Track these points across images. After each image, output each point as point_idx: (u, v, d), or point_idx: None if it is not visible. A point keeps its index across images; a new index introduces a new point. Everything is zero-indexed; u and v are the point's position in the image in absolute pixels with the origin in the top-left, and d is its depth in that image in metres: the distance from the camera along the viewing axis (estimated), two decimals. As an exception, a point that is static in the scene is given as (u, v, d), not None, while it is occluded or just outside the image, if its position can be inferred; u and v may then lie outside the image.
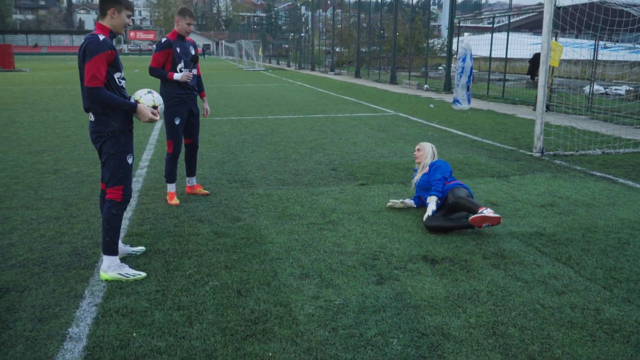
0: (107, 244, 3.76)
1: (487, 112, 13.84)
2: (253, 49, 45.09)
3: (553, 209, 5.37)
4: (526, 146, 8.78)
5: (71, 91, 19.15)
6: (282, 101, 16.17)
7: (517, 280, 3.72)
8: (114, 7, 3.70)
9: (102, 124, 3.69)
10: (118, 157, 3.75)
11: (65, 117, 12.15)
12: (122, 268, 3.77)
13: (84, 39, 3.62)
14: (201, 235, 4.60)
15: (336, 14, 39.82)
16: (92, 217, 5.10)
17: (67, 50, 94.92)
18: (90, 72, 3.53)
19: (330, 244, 4.43)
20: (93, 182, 6.36)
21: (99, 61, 3.54)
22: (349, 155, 7.98)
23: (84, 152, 8.09)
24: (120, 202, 3.80)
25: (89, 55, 3.53)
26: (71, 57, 75.07)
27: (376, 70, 29.74)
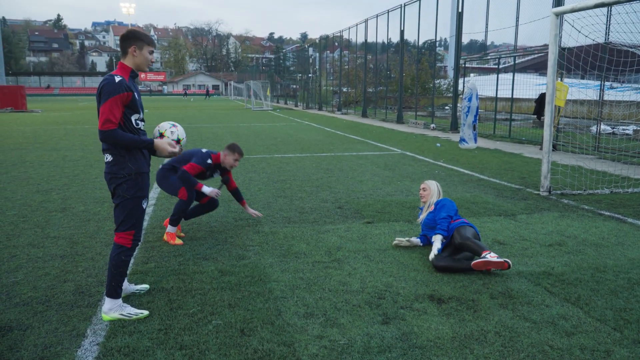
0: (112, 287, 3.72)
1: (494, 151, 13.90)
2: (261, 89, 45.84)
3: (561, 248, 5.33)
4: (533, 185, 8.77)
5: (81, 131, 19.46)
6: (289, 140, 16.34)
7: (525, 320, 3.67)
8: (134, 44, 3.65)
9: (119, 164, 3.62)
10: (133, 202, 3.68)
11: (74, 156, 12.32)
12: (124, 308, 3.75)
13: (102, 80, 3.59)
14: (205, 274, 4.60)
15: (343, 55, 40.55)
16: (97, 255, 5.11)
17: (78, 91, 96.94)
18: (105, 116, 3.48)
19: (335, 282, 4.41)
20: (99, 221, 6.40)
21: (114, 104, 3.49)
22: (355, 194, 8.01)
23: (92, 191, 8.17)
24: (130, 248, 3.75)
25: (104, 97, 3.50)
26: (83, 98, 76.61)
27: (383, 109, 30.07)
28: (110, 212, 6.84)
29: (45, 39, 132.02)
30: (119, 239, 3.73)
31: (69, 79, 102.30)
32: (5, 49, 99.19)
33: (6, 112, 32.52)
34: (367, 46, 31.52)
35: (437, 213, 5.08)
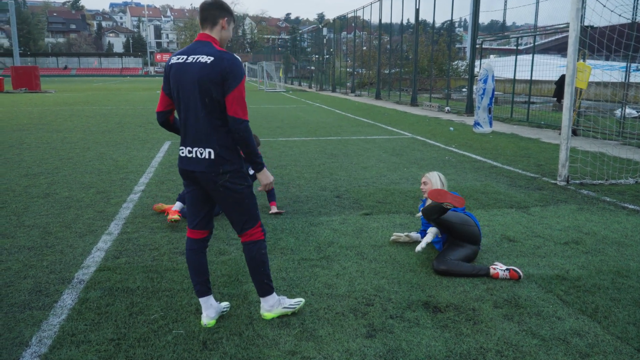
0: (264, 285, 3.32)
1: (510, 135, 13.24)
2: (274, 70, 45.19)
3: (578, 247, 4.78)
4: (550, 174, 8.17)
5: (88, 112, 19.15)
6: (296, 123, 15.82)
7: (532, 336, 3.17)
8: (226, 16, 3.13)
9: (228, 160, 3.06)
10: (248, 191, 3.18)
11: (73, 138, 11.97)
12: (283, 301, 3.39)
13: (219, 58, 2.96)
14: (178, 272, 4.16)
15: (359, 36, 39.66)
16: (68, 247, 4.70)
17: (95, 72, 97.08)
18: (243, 101, 2.97)
19: (320, 284, 3.94)
20: (80, 208, 5.99)
21: (244, 89, 3.01)
22: (356, 181, 7.50)
23: (81, 175, 7.78)
24: (264, 239, 3.31)
25: (236, 79, 2.94)
26: (98, 79, 76.69)
27: (397, 91, 29.31)
28: (94, 198, 6.44)
29: (63, 20, 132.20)
30: (252, 237, 3.26)
31: (86, 60, 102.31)
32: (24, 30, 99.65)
33: (20, 92, 32.39)
34: (383, 27, 30.65)
35: None
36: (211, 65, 2.95)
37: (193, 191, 3.23)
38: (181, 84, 3.05)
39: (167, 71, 3.14)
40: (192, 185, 3.22)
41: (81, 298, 3.66)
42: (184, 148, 3.15)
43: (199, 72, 2.96)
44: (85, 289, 3.83)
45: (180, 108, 3.12)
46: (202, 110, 3.01)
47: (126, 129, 13.79)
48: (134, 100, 26.75)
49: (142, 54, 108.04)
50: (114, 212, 5.89)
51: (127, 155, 9.59)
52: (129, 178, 7.66)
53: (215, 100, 2.98)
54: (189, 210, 3.30)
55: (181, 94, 3.06)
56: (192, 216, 3.29)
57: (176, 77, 3.06)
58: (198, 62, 2.99)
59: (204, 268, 3.32)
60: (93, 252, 4.59)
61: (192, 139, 3.09)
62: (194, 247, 3.32)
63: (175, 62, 3.09)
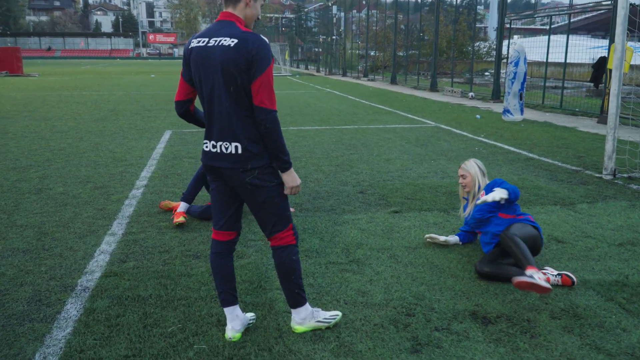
0: (296, 295, 3.21)
1: (543, 124, 13.08)
2: (279, 52, 45.03)
3: (635, 249, 4.66)
4: (593, 166, 8.04)
5: (77, 98, 19.10)
6: (307, 110, 15.71)
7: (598, 351, 3.06)
8: None
9: (256, 155, 2.95)
10: (278, 190, 3.05)
11: (63, 127, 11.90)
12: (318, 314, 3.30)
13: (239, 38, 2.83)
14: (194, 277, 4.08)
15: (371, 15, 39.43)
16: (67, 250, 4.63)
17: (82, 53, 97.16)
18: (270, 89, 2.86)
19: (353, 291, 3.84)
20: (78, 205, 5.92)
21: (272, 73, 2.87)
22: (380, 175, 7.39)
23: (76, 169, 7.71)
24: (296, 244, 3.19)
25: (263, 63, 2.82)
26: (86, 61, 76.72)
27: (415, 76, 29.12)
28: (92, 194, 6.36)
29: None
30: (282, 241, 3.15)
31: (72, 40, 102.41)
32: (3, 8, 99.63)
33: (0, 76, 32.39)
34: (399, 4, 30.41)
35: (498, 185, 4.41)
36: (235, 48, 2.82)
37: (219, 187, 3.13)
38: (203, 71, 2.94)
39: (187, 56, 3.04)
40: (218, 180, 3.12)
41: (87, 308, 3.58)
42: (207, 142, 3.04)
43: (222, 57, 2.84)
44: (91, 297, 3.75)
45: (202, 97, 3.02)
46: (226, 100, 2.91)
47: (121, 117, 13.72)
48: (127, 85, 26.69)
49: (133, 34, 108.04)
50: (115, 209, 5.81)
51: (124, 146, 9.52)
52: (128, 171, 7.58)
53: (240, 88, 2.87)
54: (215, 208, 3.21)
55: (203, 81, 2.96)
56: (218, 215, 3.19)
57: (197, 63, 2.96)
58: (220, 45, 2.86)
59: (231, 274, 3.23)
60: (96, 256, 4.51)
61: (216, 132, 2.98)
62: (220, 250, 3.22)
63: (196, 46, 2.97)
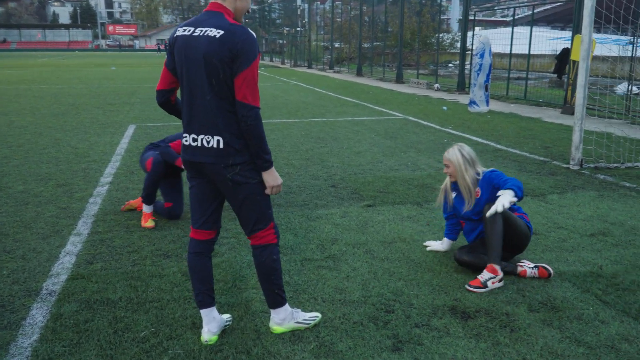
0: (275, 296, 3.12)
1: (509, 115, 13.23)
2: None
3: (607, 239, 4.72)
4: (560, 156, 8.15)
5: (36, 92, 18.51)
6: (275, 103, 15.56)
7: (578, 344, 3.06)
8: None
9: (239, 151, 2.85)
10: (261, 187, 2.95)
11: (22, 122, 11.49)
12: (297, 315, 3.22)
13: (225, 30, 2.74)
14: (165, 278, 3.94)
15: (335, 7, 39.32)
16: (30, 252, 4.43)
17: (39, 45, 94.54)
18: (254, 84, 2.76)
19: (330, 289, 3.77)
20: (40, 205, 5.69)
21: (257, 70, 2.78)
22: (351, 168, 7.34)
23: (36, 166, 7.43)
24: (277, 243, 3.11)
25: (249, 58, 2.72)
26: (43, 53, 74.60)
27: (380, 67, 29.18)
28: (54, 193, 6.13)
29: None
30: (262, 240, 3.06)
31: (28, 32, 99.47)
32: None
33: (-47, 70, 31.26)
34: (362, -5, 30.40)
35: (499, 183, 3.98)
36: (220, 40, 2.73)
37: (199, 185, 3.02)
38: (186, 61, 2.84)
39: (172, 44, 2.94)
40: (198, 178, 3.01)
41: (54, 313, 3.42)
42: (188, 136, 2.93)
43: (206, 48, 2.75)
44: (57, 302, 3.58)
45: (184, 88, 2.91)
46: (208, 92, 2.81)
47: (82, 111, 13.34)
48: (88, 78, 26.02)
49: (91, 26, 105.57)
50: (80, 208, 5.61)
51: (87, 142, 9.23)
52: (92, 168, 7.35)
53: (222, 82, 2.77)
54: (194, 206, 3.09)
55: (185, 72, 2.86)
56: (198, 214, 3.08)
57: (181, 52, 2.86)
58: (205, 35, 2.77)
59: (209, 275, 3.13)
60: (62, 257, 4.34)
61: (198, 125, 2.88)
62: (198, 249, 3.11)
63: (181, 35, 2.88)
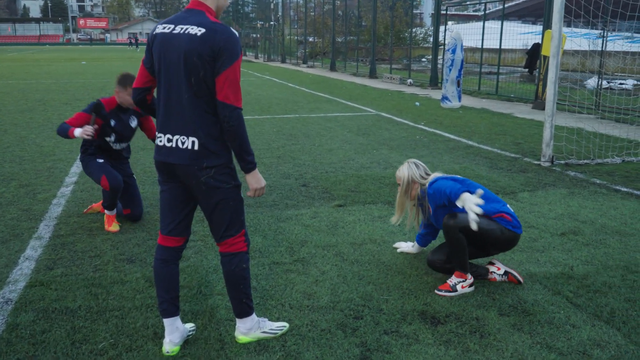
0: (243, 305, 3.01)
1: (481, 110, 13.25)
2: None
3: (577, 238, 4.69)
4: (531, 153, 8.15)
5: (3, 87, 18.00)
6: (247, 99, 15.36)
7: (549, 350, 3.01)
8: None
9: (214, 153, 2.74)
10: (235, 193, 2.86)
11: (-14, 119, 11.13)
12: (264, 324, 3.12)
13: (212, 29, 2.65)
14: (128, 284, 3.79)
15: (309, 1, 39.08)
16: (-13, 258, 4.23)
17: (9, 40, 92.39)
18: (237, 84, 2.67)
19: (298, 294, 3.67)
20: (1, 206, 5.46)
21: (239, 69, 2.68)
22: (323, 166, 7.23)
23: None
24: (247, 251, 3.00)
25: (231, 57, 2.64)
26: (12, 48, 72.90)
27: (354, 62, 29.10)
28: (16, 194, 5.91)
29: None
30: (232, 247, 2.94)
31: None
32: None
33: None
34: (336, -11, 30.26)
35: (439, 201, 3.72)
36: (201, 38, 2.64)
37: (171, 189, 2.90)
38: (165, 59, 2.74)
39: (151, 42, 2.82)
40: (170, 182, 2.88)
41: (10, 324, 3.25)
42: (162, 136, 2.81)
43: (186, 46, 2.65)
44: (14, 311, 3.41)
45: (161, 87, 2.80)
46: (186, 92, 2.70)
47: (50, 108, 12.98)
48: (57, 72, 25.42)
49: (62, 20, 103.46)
50: (42, 210, 5.40)
51: (53, 139, 8.96)
52: (57, 167, 7.12)
53: (202, 81, 2.67)
54: (163, 212, 2.96)
55: (164, 70, 2.76)
56: (168, 219, 2.95)
57: (160, 50, 2.75)
58: (186, 33, 2.68)
59: (175, 283, 3.00)
60: (20, 263, 4.15)
61: (173, 125, 2.76)
62: (165, 256, 2.98)
63: (160, 32, 2.77)
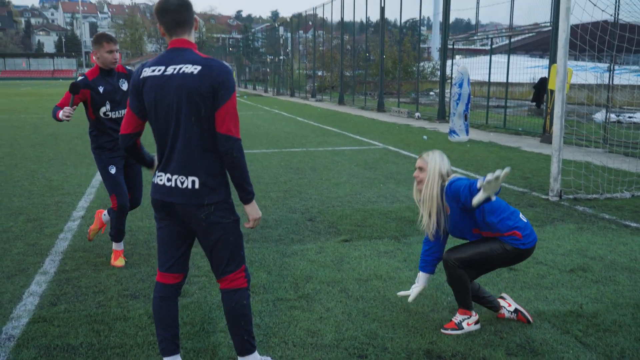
0: (245, 342, 2.96)
1: (489, 144, 13.25)
2: (227, 73, 44.65)
3: (586, 275, 4.62)
4: (539, 187, 8.10)
5: (15, 121, 18.26)
6: (256, 132, 15.47)
7: (558, 391, 2.93)
8: (195, 15, 2.92)
9: (214, 190, 2.76)
10: (234, 228, 2.86)
11: (-2, 153, 11.26)
12: None
13: (202, 64, 2.67)
14: (130, 320, 3.76)
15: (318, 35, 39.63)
16: (-9, 293, 4.22)
17: (23, 74, 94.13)
18: (236, 116, 2.72)
19: (302, 331, 3.61)
20: (7, 241, 5.47)
21: (236, 100, 2.75)
22: (329, 201, 7.21)
23: (8, 199, 7.21)
24: (247, 287, 2.96)
25: (229, 90, 2.68)
26: (26, 82, 74.23)
27: (362, 96, 29.32)
28: (24, 228, 5.93)
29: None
30: (233, 284, 2.90)
31: (12, 61, 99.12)
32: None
33: None
34: (344, 25, 30.68)
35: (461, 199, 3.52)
36: (199, 75, 2.66)
37: (168, 227, 2.91)
38: (161, 101, 2.73)
39: (139, 86, 2.79)
40: (167, 219, 2.89)
41: None
42: (162, 175, 2.83)
43: (185, 86, 2.66)
44: (15, 347, 3.39)
45: (159, 129, 2.80)
46: (186, 131, 2.72)
47: (61, 142, 13.13)
48: (69, 107, 25.75)
49: (76, 54, 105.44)
50: (49, 244, 5.41)
51: (62, 174, 9.03)
52: (65, 201, 7.15)
53: (204, 118, 2.69)
54: (161, 250, 2.96)
55: (160, 112, 2.75)
56: (166, 256, 2.95)
57: (153, 93, 2.74)
58: (182, 73, 2.68)
59: (174, 321, 2.97)
60: (25, 298, 4.14)
61: (173, 165, 2.77)
62: (164, 294, 2.96)
63: (151, 75, 2.75)
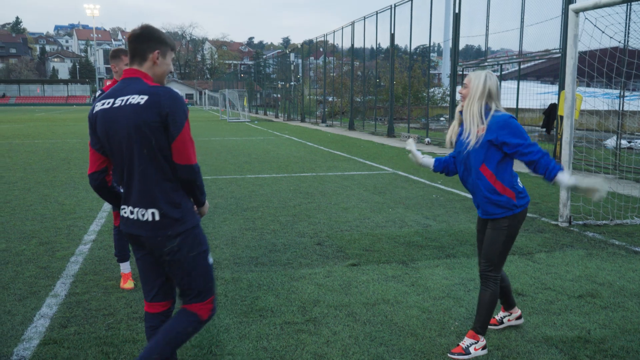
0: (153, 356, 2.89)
1: (498, 169, 13.24)
2: (237, 98, 45.13)
3: (595, 301, 4.61)
4: (549, 213, 8.10)
5: (29, 146, 18.54)
6: (266, 157, 15.60)
7: (564, 417, 2.93)
8: (159, 48, 2.79)
9: (178, 221, 2.74)
10: (202, 258, 2.87)
11: (12, 177, 11.44)
12: None
13: (148, 94, 2.63)
14: (139, 343, 3.80)
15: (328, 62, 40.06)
16: (5, 314, 4.28)
17: (37, 100, 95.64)
18: (192, 143, 2.73)
19: (309, 355, 3.64)
20: (20, 264, 5.56)
21: (189, 127, 2.75)
22: (338, 225, 7.26)
23: (21, 223, 7.32)
24: (205, 320, 2.93)
25: (181, 118, 2.64)
26: (40, 108, 75.35)
27: (372, 121, 29.49)
28: (36, 251, 6.01)
29: (2, 44, 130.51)
30: (197, 310, 2.90)
31: (27, 87, 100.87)
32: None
33: (-50, 124, 31.42)
34: (354, 52, 31.02)
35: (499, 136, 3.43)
36: (146, 106, 2.61)
37: (144, 258, 2.89)
38: (112, 135, 2.69)
39: (92, 121, 2.77)
40: (141, 250, 2.87)
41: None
42: (125, 207, 2.80)
43: (132, 117, 2.62)
44: (25, 369, 3.44)
45: (115, 162, 2.77)
46: (140, 164, 2.67)
47: (73, 166, 13.31)
48: (83, 132, 26.13)
49: (90, 81, 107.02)
50: (60, 267, 5.49)
51: (74, 198, 9.15)
52: (77, 225, 7.25)
53: (156, 149, 2.65)
54: (143, 280, 2.94)
55: (116, 146, 2.70)
56: (147, 287, 2.94)
57: (105, 127, 2.70)
58: (129, 104, 2.63)
59: None
60: (35, 320, 4.20)
61: (132, 198, 2.75)
62: (153, 323, 2.96)
63: (100, 109, 2.73)
